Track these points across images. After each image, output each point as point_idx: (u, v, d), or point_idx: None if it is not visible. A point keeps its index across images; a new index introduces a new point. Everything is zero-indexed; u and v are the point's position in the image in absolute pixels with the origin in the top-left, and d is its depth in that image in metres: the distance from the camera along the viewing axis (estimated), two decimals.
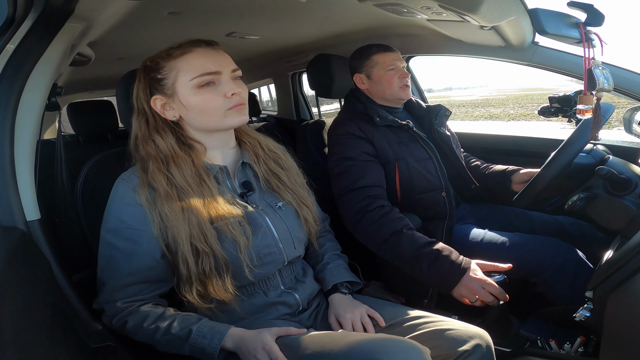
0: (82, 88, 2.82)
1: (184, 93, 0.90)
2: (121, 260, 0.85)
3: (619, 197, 1.05)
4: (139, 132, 0.92)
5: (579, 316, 0.89)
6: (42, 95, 0.88)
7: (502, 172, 1.50)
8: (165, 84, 0.91)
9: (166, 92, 0.91)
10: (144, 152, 0.91)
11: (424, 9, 1.08)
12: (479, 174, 1.58)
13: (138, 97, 0.93)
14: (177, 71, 0.90)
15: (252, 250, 0.89)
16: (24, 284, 0.64)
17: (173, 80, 0.90)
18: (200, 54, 0.90)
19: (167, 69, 0.90)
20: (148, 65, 0.93)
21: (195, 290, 0.85)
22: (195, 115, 0.92)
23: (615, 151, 1.23)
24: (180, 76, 0.90)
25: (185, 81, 0.89)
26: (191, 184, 0.88)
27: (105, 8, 0.95)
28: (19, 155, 0.83)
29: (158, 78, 0.91)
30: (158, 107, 0.92)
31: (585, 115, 0.99)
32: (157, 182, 0.86)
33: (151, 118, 0.93)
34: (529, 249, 1.22)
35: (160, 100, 0.92)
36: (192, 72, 0.89)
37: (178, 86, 0.90)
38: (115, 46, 1.53)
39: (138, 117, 0.93)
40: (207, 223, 0.86)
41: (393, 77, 1.43)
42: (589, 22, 1.06)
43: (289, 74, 2.63)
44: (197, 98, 0.90)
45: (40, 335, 0.60)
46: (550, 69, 1.50)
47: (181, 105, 0.91)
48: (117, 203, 0.87)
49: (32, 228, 0.83)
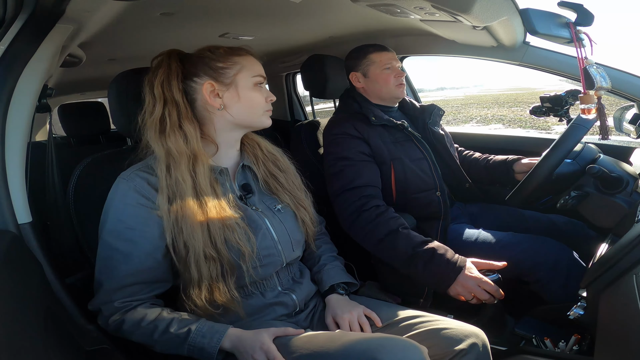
0: (74, 89, 2.79)
1: (244, 86, 0.96)
2: (120, 261, 0.84)
3: (610, 195, 1.06)
4: (168, 120, 0.90)
5: (572, 314, 0.90)
6: (32, 96, 0.87)
7: (503, 162, 1.52)
8: (226, 72, 0.95)
9: (224, 80, 0.95)
10: (174, 144, 0.88)
11: (417, 9, 1.08)
12: (479, 166, 1.59)
13: (166, 85, 0.91)
14: (242, 66, 0.96)
15: (255, 257, 0.89)
16: (16, 287, 0.63)
17: (236, 72, 0.95)
18: (255, 60, 1.00)
19: (232, 62, 0.96)
20: (204, 53, 0.96)
21: (203, 296, 0.85)
22: (244, 107, 0.96)
23: (606, 150, 1.24)
24: (244, 71, 0.96)
25: (248, 76, 0.96)
26: (208, 186, 0.88)
27: (97, 9, 0.94)
28: (9, 158, 0.82)
29: (218, 66, 0.95)
30: (207, 91, 0.94)
31: (590, 115, 1.00)
32: (185, 181, 0.86)
33: (182, 107, 0.92)
34: (522, 248, 1.23)
35: (212, 85, 0.94)
36: (254, 71, 0.98)
37: (239, 79, 0.96)
38: (107, 47, 1.52)
39: (166, 105, 0.91)
40: (217, 228, 0.86)
41: (389, 75, 1.44)
42: (579, 21, 1.07)
43: (283, 75, 2.62)
44: (252, 93, 0.97)
45: (34, 339, 0.59)
46: (541, 68, 1.51)
47: (236, 96, 0.95)
48: (116, 203, 0.86)
49: (23, 231, 0.82)
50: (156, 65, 0.93)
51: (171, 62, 0.93)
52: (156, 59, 0.95)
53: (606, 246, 0.97)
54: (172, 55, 0.95)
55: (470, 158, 1.66)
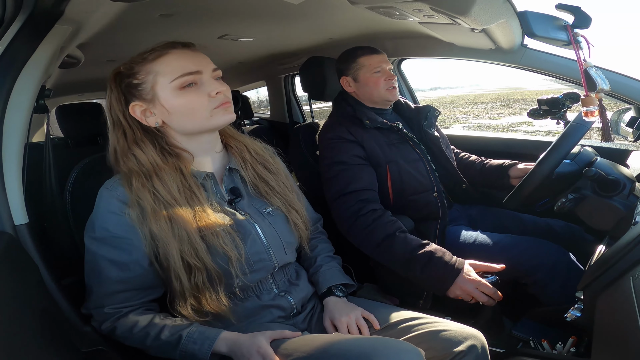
0: (72, 90, 2.79)
1: (166, 96, 0.87)
2: (108, 268, 0.84)
3: (607, 198, 1.07)
4: (117, 146, 0.89)
5: (570, 316, 0.90)
6: (30, 97, 0.87)
7: (499, 166, 1.51)
8: (143, 88, 0.88)
9: (145, 97, 0.88)
10: (125, 167, 0.87)
11: (416, 11, 1.09)
12: (474, 170, 1.59)
13: (112, 108, 0.89)
14: (155, 74, 0.87)
15: (243, 262, 0.88)
16: (13, 289, 0.63)
17: (152, 84, 0.87)
18: (177, 55, 0.88)
19: (144, 73, 0.87)
20: (121, 71, 0.89)
21: (189, 305, 0.84)
22: (180, 118, 0.89)
23: (603, 153, 1.25)
24: (160, 79, 0.87)
25: (165, 83, 0.86)
26: (177, 198, 0.85)
27: (95, 10, 0.94)
28: (6, 159, 0.82)
29: (134, 83, 0.88)
30: (138, 114, 0.89)
31: (592, 117, 1.01)
32: (143, 198, 0.84)
33: (128, 130, 0.89)
34: (520, 250, 1.24)
35: (140, 106, 0.88)
36: (172, 73, 0.86)
37: (158, 89, 0.87)
38: (106, 48, 1.52)
39: (114, 129, 0.90)
40: (196, 237, 0.84)
41: (379, 79, 1.43)
42: (576, 24, 1.08)
43: (282, 77, 2.63)
44: (180, 100, 0.87)
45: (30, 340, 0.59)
46: (539, 71, 1.52)
47: (163, 110, 0.88)
48: (101, 211, 0.86)
49: (20, 232, 0.82)
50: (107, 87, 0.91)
51: (111, 84, 0.90)
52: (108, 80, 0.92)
53: (603, 248, 0.97)
54: (112, 76, 0.91)
55: (467, 161, 1.65)
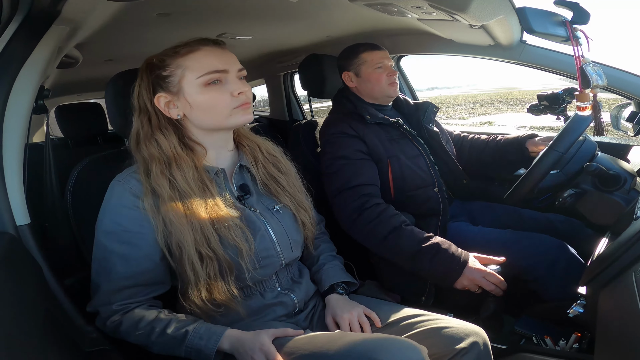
0: (70, 90, 2.78)
1: (190, 91, 0.89)
2: (117, 263, 0.84)
3: (608, 193, 1.07)
4: (141, 131, 0.91)
5: (572, 312, 0.90)
6: (29, 98, 0.87)
7: (516, 140, 1.51)
8: (171, 81, 0.90)
9: (171, 89, 0.90)
10: (147, 152, 0.89)
11: (414, 8, 1.08)
12: (489, 148, 1.59)
13: (140, 95, 0.91)
14: (184, 69, 0.89)
15: (252, 255, 0.89)
16: (15, 289, 0.63)
17: (179, 77, 0.89)
18: (208, 53, 0.90)
19: (174, 67, 0.90)
20: (154, 62, 0.91)
21: (203, 295, 0.85)
22: (201, 113, 0.91)
23: (603, 147, 1.25)
24: (188, 74, 0.89)
25: (192, 79, 0.89)
26: (193, 188, 0.87)
27: (92, 10, 0.94)
28: (6, 159, 0.82)
29: (163, 75, 0.90)
30: (162, 105, 0.91)
31: (586, 112, 1.02)
32: (161, 186, 0.85)
33: (154, 116, 0.91)
34: (521, 246, 1.24)
35: (165, 98, 0.90)
36: (200, 70, 0.88)
37: (184, 84, 0.89)
38: (104, 48, 1.51)
39: (140, 115, 0.91)
40: (209, 227, 0.85)
41: (381, 75, 1.44)
42: (575, 20, 1.08)
43: (281, 75, 2.62)
44: (203, 96, 0.89)
45: (33, 340, 0.59)
46: (538, 67, 1.51)
47: (186, 103, 0.90)
48: (112, 205, 0.86)
49: (22, 233, 0.82)
50: (138, 75, 0.93)
51: (142, 72, 0.92)
52: (140, 68, 0.94)
53: (605, 244, 0.97)
54: (144, 64, 0.93)
55: (479, 141, 1.65)
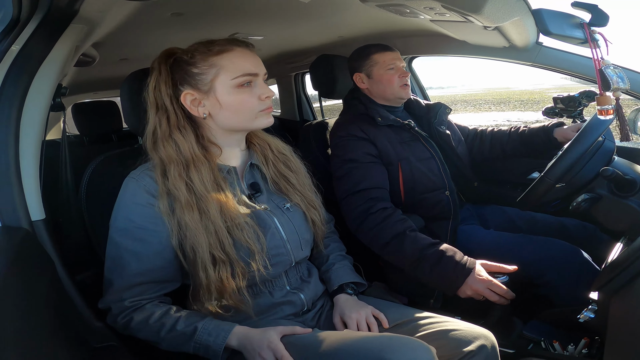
0: (87, 89, 2.84)
1: (223, 91, 0.89)
2: (130, 260, 0.84)
3: (624, 198, 1.04)
4: (159, 130, 0.89)
5: (583, 317, 0.89)
6: (47, 95, 0.89)
7: (542, 129, 1.47)
8: (201, 79, 0.89)
9: (201, 87, 0.89)
10: (164, 153, 0.87)
11: (427, 9, 1.08)
12: (513, 140, 1.56)
13: (157, 90, 0.89)
14: (219, 68, 0.88)
15: (264, 256, 0.89)
16: (28, 283, 0.64)
17: (212, 76, 0.88)
18: (241, 54, 0.90)
19: (207, 65, 0.88)
20: (181, 57, 0.90)
21: (213, 299, 0.85)
22: (229, 114, 0.91)
23: (620, 152, 1.22)
24: (222, 74, 0.88)
25: (226, 79, 0.88)
26: (210, 190, 0.87)
27: (109, 9, 0.95)
28: (24, 156, 0.84)
29: (194, 72, 0.89)
30: (187, 102, 0.90)
31: (608, 116, 0.99)
32: (178, 189, 0.85)
33: (173, 114, 0.89)
34: (532, 250, 1.22)
35: (191, 95, 0.89)
36: (235, 71, 0.88)
37: (217, 83, 0.88)
38: (119, 47, 1.54)
39: (157, 112, 0.89)
40: (223, 230, 0.85)
41: (393, 76, 1.43)
42: (593, 22, 1.06)
43: (292, 75, 2.63)
44: (234, 97, 0.89)
45: (43, 335, 0.60)
46: (554, 69, 1.49)
47: (216, 103, 0.89)
48: (126, 202, 0.86)
49: (36, 228, 0.83)
50: (152, 69, 0.91)
51: (161, 66, 0.90)
52: (155, 61, 0.92)
53: (619, 249, 0.95)
54: (162, 58, 0.91)
55: (501, 133, 1.61)
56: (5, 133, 0.81)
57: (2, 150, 0.81)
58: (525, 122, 1.55)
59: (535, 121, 1.55)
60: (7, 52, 0.83)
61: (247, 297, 0.87)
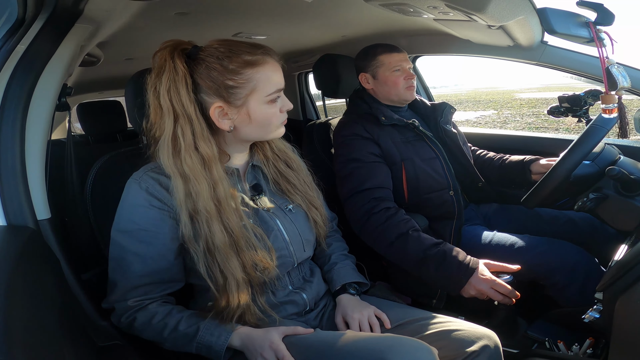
0: (92, 88, 2.85)
1: (256, 107, 0.85)
2: (134, 261, 0.84)
3: (630, 197, 1.04)
4: (182, 141, 0.81)
5: (588, 317, 0.88)
6: (52, 95, 0.89)
7: (520, 162, 1.48)
8: (236, 93, 0.83)
9: (234, 101, 0.84)
10: (189, 167, 0.81)
11: (431, 8, 1.07)
12: (493, 167, 1.56)
13: (175, 95, 0.80)
14: (256, 83, 0.84)
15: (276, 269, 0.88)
16: (34, 282, 0.65)
17: (248, 92, 0.84)
18: (273, 67, 0.87)
19: (244, 79, 0.83)
20: (211, 63, 0.82)
21: (235, 319, 0.84)
22: (255, 127, 0.88)
23: (626, 151, 1.21)
24: (259, 89, 0.84)
25: (262, 96, 0.85)
26: (231, 205, 0.83)
27: (114, 9, 0.96)
28: (29, 155, 0.84)
29: (229, 85, 0.82)
30: (215, 114, 0.84)
31: (612, 115, 1.00)
32: (210, 212, 0.81)
33: (197, 125, 0.82)
34: (538, 251, 1.21)
35: (220, 107, 0.84)
36: (270, 87, 0.85)
37: (251, 100, 0.84)
38: (124, 47, 1.55)
39: (178, 121, 0.81)
40: (245, 251, 0.83)
41: (398, 78, 1.42)
42: (599, 21, 1.06)
43: (295, 74, 2.63)
44: (266, 112, 0.87)
45: (49, 333, 0.61)
46: (559, 68, 1.49)
47: (246, 118, 0.86)
48: (129, 204, 0.86)
49: (42, 227, 0.84)
50: (159, 65, 0.82)
51: (176, 63, 0.81)
52: (157, 54, 0.82)
53: (625, 249, 0.94)
54: (176, 53, 0.82)
55: (484, 157, 1.62)
56: (11, 133, 0.82)
57: (8, 150, 0.82)
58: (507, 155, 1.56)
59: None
60: (12, 52, 0.84)
61: (268, 312, 0.88)
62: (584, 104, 1.45)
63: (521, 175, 1.45)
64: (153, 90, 0.83)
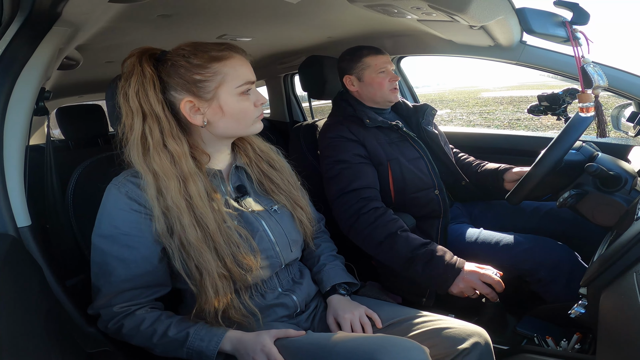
0: (71, 92, 2.79)
1: (227, 99, 0.87)
2: (117, 266, 0.83)
3: (609, 193, 1.06)
4: (150, 139, 0.83)
5: (573, 313, 0.90)
6: (30, 99, 0.87)
7: (494, 170, 1.51)
8: (205, 86, 0.85)
9: (203, 95, 0.86)
10: (159, 165, 0.82)
11: (414, 9, 1.09)
12: (470, 172, 1.59)
13: (143, 96, 0.82)
14: (224, 76, 0.86)
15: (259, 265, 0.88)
16: (17, 290, 0.63)
17: (217, 84, 0.86)
18: (240, 61, 0.89)
19: (212, 72, 0.85)
20: (177, 61, 0.85)
21: (219, 316, 0.84)
22: (230, 121, 0.89)
23: (604, 148, 1.25)
24: (227, 82, 0.86)
25: (231, 87, 0.87)
26: (206, 204, 0.84)
27: (93, 11, 0.94)
28: (7, 161, 0.82)
29: (196, 79, 0.85)
30: (187, 109, 0.86)
31: (589, 113, 1.02)
32: (180, 207, 0.81)
33: (165, 122, 0.84)
34: (523, 248, 1.23)
35: (190, 102, 0.86)
36: (239, 78, 0.87)
37: (221, 91, 0.86)
38: (104, 50, 1.51)
39: (146, 120, 0.83)
40: (224, 247, 0.83)
41: (384, 80, 1.44)
42: (575, 20, 1.08)
43: (281, 76, 2.62)
44: (239, 105, 0.88)
45: (35, 342, 0.59)
46: (538, 67, 1.52)
47: (218, 111, 0.87)
48: (110, 209, 0.84)
49: (23, 234, 0.82)
50: (128, 70, 0.84)
51: (144, 67, 0.83)
52: (127, 61, 0.85)
53: (606, 244, 0.97)
54: (144, 57, 0.85)
55: (464, 162, 1.65)
56: None
57: None
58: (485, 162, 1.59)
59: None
60: None
61: (253, 309, 0.87)
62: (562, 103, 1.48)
63: (494, 183, 1.48)
64: (123, 94, 0.84)
